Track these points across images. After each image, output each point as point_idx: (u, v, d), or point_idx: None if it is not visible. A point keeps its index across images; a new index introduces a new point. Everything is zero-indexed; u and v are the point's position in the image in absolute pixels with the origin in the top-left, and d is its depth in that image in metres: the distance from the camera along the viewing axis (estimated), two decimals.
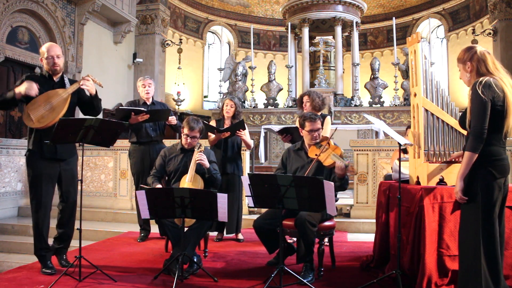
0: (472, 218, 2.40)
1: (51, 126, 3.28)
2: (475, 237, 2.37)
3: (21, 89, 3.30)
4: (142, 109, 4.42)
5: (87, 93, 3.59)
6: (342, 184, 3.46)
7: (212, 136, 4.63)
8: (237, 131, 4.52)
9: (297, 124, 4.08)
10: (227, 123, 4.70)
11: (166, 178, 4.07)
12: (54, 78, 3.58)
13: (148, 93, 4.66)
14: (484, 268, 2.35)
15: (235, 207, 4.61)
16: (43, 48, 3.53)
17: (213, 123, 4.75)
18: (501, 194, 2.42)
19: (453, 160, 3.01)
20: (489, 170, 2.37)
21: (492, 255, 2.36)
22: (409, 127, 4.12)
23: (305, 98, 4.54)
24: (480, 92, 2.35)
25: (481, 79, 2.41)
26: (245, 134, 4.61)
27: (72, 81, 3.65)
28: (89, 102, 3.65)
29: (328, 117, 4.57)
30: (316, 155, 3.51)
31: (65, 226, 3.66)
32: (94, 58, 10.40)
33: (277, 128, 4.63)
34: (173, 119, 4.59)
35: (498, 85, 2.38)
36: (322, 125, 3.84)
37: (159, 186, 3.78)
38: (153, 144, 4.65)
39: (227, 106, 4.70)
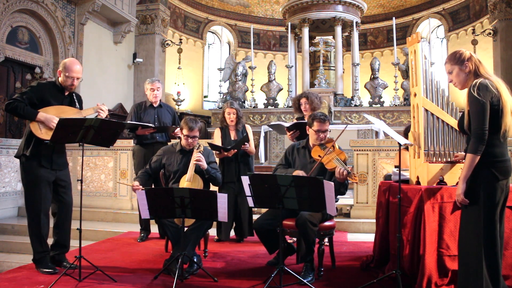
0: (473, 219, 2.39)
1: None
2: (476, 239, 2.37)
3: (46, 118, 3.36)
4: (150, 125, 4.56)
5: None
6: (340, 188, 3.46)
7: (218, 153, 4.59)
8: (243, 145, 4.52)
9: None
10: (231, 130, 4.70)
11: (164, 178, 4.06)
12: (65, 92, 3.63)
13: (156, 96, 4.77)
14: (484, 269, 2.35)
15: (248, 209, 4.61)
16: (68, 64, 3.52)
17: (217, 131, 4.74)
18: (503, 196, 2.41)
19: (456, 160, 3.01)
20: (491, 171, 2.37)
21: (493, 256, 2.36)
22: (407, 129, 4.00)
23: (303, 100, 4.52)
24: (476, 95, 2.36)
25: (475, 81, 2.41)
26: (250, 146, 4.61)
27: (78, 97, 3.71)
28: None
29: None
30: (319, 156, 3.49)
31: (62, 228, 3.62)
32: (94, 58, 10.39)
33: (287, 124, 4.59)
34: (178, 132, 4.57)
35: (493, 86, 2.40)
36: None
37: (136, 183, 3.70)
38: (157, 146, 4.63)
39: (229, 114, 4.65)
